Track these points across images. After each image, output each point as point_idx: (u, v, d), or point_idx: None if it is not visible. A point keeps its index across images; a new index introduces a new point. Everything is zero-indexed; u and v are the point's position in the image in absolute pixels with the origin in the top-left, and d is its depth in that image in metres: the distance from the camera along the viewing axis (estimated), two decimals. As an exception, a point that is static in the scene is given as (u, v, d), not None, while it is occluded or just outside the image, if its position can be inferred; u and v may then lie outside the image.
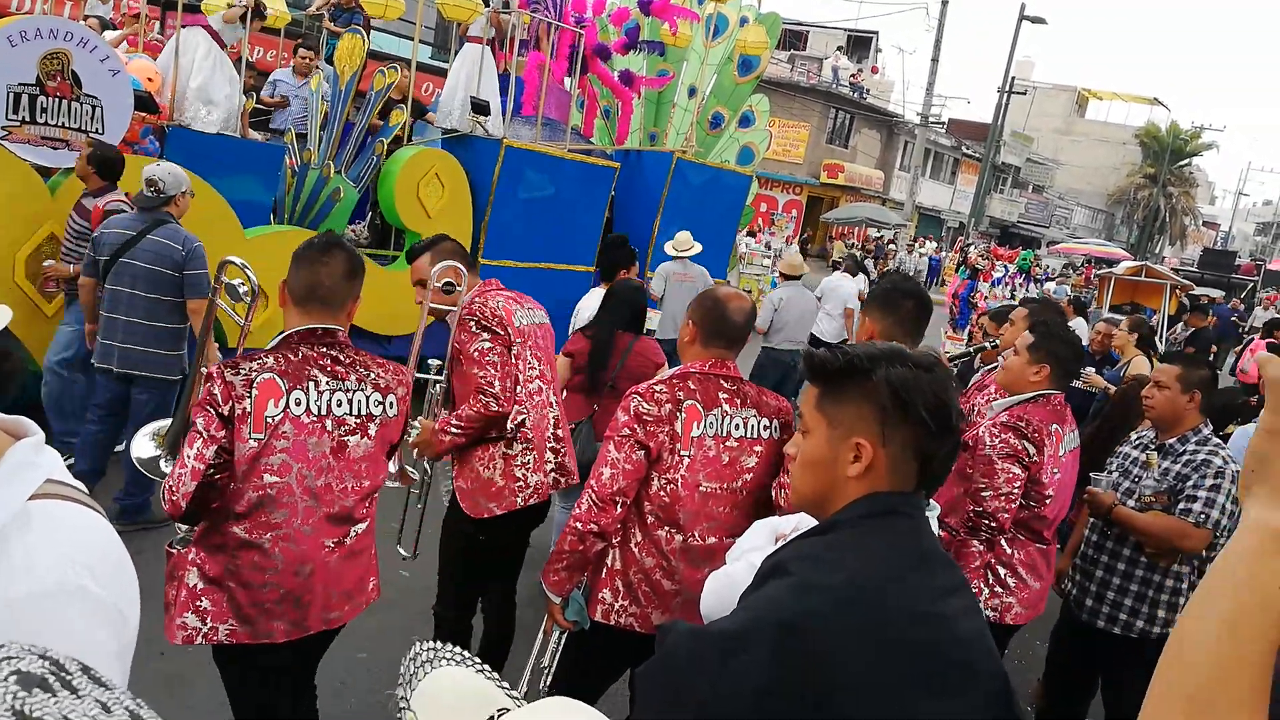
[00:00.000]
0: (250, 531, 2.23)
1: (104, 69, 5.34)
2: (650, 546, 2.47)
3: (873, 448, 1.37)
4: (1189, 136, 52.76)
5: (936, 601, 1.29)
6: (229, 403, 2.15)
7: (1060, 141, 56.76)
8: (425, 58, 14.55)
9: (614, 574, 2.52)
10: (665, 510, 2.45)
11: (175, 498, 2.12)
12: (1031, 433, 2.94)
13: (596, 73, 10.21)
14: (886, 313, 2.81)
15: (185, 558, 2.27)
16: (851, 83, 35.56)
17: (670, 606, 2.50)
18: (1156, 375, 3.38)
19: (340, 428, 2.32)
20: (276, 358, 2.25)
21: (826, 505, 1.43)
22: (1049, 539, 3.16)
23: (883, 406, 1.37)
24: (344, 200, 7.00)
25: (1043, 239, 48.30)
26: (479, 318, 3.02)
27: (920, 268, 24.90)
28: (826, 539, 1.37)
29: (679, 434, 2.41)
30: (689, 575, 2.47)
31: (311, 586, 2.33)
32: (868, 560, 1.30)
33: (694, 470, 2.43)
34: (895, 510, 1.36)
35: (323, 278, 2.32)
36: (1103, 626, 3.31)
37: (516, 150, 7.66)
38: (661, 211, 9.27)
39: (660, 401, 2.41)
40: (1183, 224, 55.57)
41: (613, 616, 2.51)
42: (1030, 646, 4.80)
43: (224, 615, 2.25)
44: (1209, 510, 3.08)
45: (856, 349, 1.43)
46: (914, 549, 1.34)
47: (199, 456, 2.12)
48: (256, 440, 2.19)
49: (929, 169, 40.05)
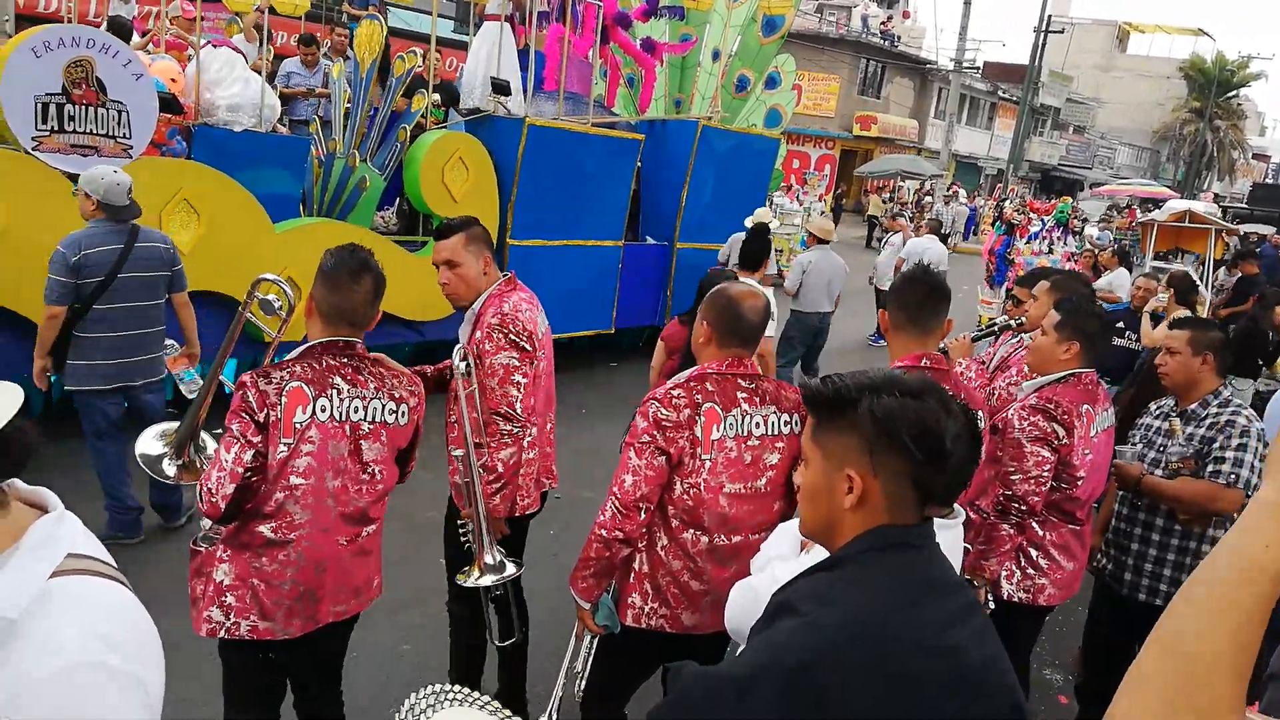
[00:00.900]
0: (276, 530, 2.36)
1: (127, 73, 5.39)
2: (677, 549, 2.48)
3: (863, 479, 1.37)
4: (1236, 67, 50.96)
5: (944, 632, 1.29)
6: (264, 410, 2.26)
7: (1101, 79, 55.15)
8: (448, 32, 14.51)
9: (642, 577, 2.53)
10: (690, 513, 2.45)
11: (215, 499, 2.23)
12: (1061, 415, 2.90)
13: (618, 41, 10.09)
14: (902, 301, 2.78)
15: (213, 554, 2.39)
16: (882, 31, 34.78)
17: (700, 606, 2.51)
18: (1168, 342, 3.34)
19: (356, 433, 2.43)
20: (303, 366, 2.36)
21: (831, 536, 1.44)
22: (1082, 519, 3.12)
23: (869, 438, 1.37)
24: (371, 188, 7.04)
25: (1085, 181, 47.16)
26: (509, 330, 2.89)
27: (956, 218, 24.40)
28: (831, 575, 1.37)
29: (699, 438, 2.40)
30: (717, 575, 2.48)
31: (324, 582, 2.46)
32: (872, 596, 1.30)
33: (716, 473, 2.42)
34: (900, 543, 1.37)
35: (354, 303, 2.43)
36: (1144, 599, 3.29)
37: (539, 128, 7.63)
38: (689, 181, 9.20)
39: (679, 407, 2.40)
40: (1231, 158, 53.87)
41: (643, 620, 2.53)
42: (1071, 612, 4.78)
43: (247, 611, 2.37)
44: (1238, 470, 3.06)
45: (846, 379, 1.42)
46: (919, 580, 1.34)
47: (237, 460, 2.24)
48: (286, 445, 2.30)
49: (965, 115, 39.20)
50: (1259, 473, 3.08)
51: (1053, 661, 4.52)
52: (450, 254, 2.98)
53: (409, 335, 7.29)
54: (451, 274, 3.00)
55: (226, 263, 5.93)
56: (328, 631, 2.55)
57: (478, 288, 3.01)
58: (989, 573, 2.91)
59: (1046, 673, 4.42)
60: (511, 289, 3.05)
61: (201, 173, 5.88)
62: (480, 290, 3.01)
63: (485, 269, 3.01)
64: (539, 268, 7.93)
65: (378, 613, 4.08)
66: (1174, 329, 3.41)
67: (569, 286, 8.23)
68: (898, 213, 12.64)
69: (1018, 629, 3.17)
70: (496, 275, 3.06)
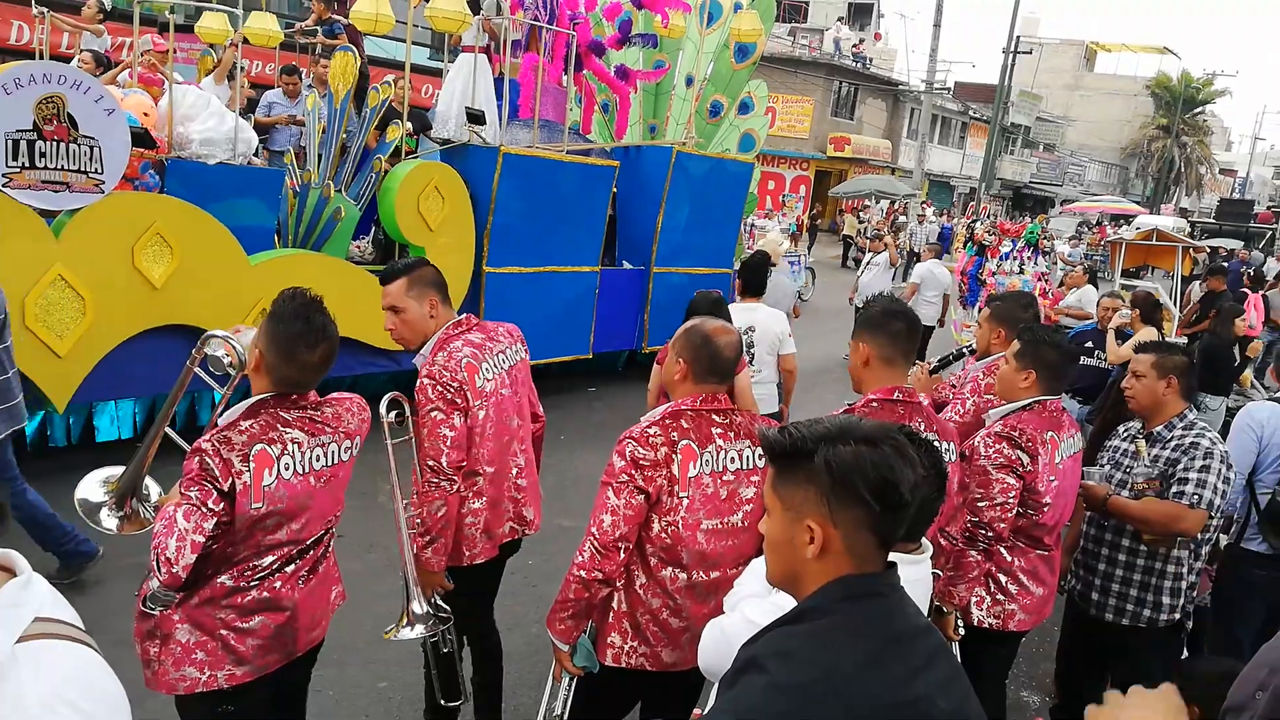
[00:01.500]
0: (237, 580, 2.33)
1: (99, 109, 5.39)
2: (655, 587, 2.48)
3: (823, 529, 1.38)
4: (1201, 84, 51.96)
5: (910, 684, 1.31)
6: (229, 479, 2.20)
7: (1070, 98, 56.02)
8: (424, 59, 14.55)
9: (621, 616, 2.52)
10: (668, 551, 2.45)
11: (175, 570, 2.13)
12: (1026, 442, 2.95)
13: (592, 69, 10.17)
14: (877, 334, 2.80)
15: (170, 618, 2.30)
16: (854, 53, 35.20)
17: (680, 643, 2.51)
18: (1133, 365, 3.40)
19: (320, 480, 2.42)
20: (261, 424, 2.31)
21: (797, 586, 1.45)
22: (1050, 544, 3.16)
23: (826, 490, 1.37)
24: (346, 219, 7.05)
25: (1056, 198, 47.76)
26: (438, 382, 2.81)
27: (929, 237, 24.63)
28: (799, 629, 1.37)
29: (676, 476, 2.40)
30: (696, 611, 2.48)
31: (298, 616, 2.46)
32: (837, 653, 1.31)
33: (694, 510, 2.43)
34: (865, 593, 1.37)
35: (306, 376, 2.39)
36: (1110, 619, 3.34)
37: (514, 156, 7.68)
38: (665, 206, 9.27)
39: (655, 445, 2.41)
40: (1198, 173, 54.80)
41: (623, 659, 2.52)
42: (1048, 634, 4.82)
43: (221, 662, 2.33)
44: (1201, 491, 3.11)
45: (803, 428, 1.43)
46: (885, 633, 1.35)
47: (198, 529, 2.16)
48: (257, 509, 2.27)
49: (937, 135, 39.66)
50: (1221, 494, 3.13)
51: (1029, 683, 4.55)
52: (393, 300, 2.91)
53: (386, 365, 7.28)
54: (396, 319, 2.93)
55: (200, 296, 5.92)
56: (290, 666, 2.52)
57: (424, 331, 2.94)
58: (958, 599, 2.94)
59: (1024, 694, 4.45)
60: (460, 332, 2.96)
61: (174, 206, 5.87)
62: (428, 334, 2.95)
63: (431, 312, 2.93)
64: (516, 295, 7.96)
65: (355, 648, 4.06)
66: (1139, 353, 3.46)
67: (546, 312, 8.26)
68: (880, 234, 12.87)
69: (990, 655, 3.20)
70: (446, 317, 2.97)
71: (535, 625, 4.48)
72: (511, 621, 4.50)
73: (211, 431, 2.29)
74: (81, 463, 2.97)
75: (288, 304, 2.35)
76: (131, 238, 5.64)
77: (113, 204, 5.57)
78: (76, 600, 1.27)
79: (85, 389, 5.67)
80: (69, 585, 4.24)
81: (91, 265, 5.51)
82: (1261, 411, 3.89)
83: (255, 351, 2.37)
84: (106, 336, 5.67)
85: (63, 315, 5.42)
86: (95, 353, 5.63)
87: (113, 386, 5.85)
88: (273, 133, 8.42)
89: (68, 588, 4.19)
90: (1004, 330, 3.79)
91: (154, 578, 2.17)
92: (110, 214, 5.58)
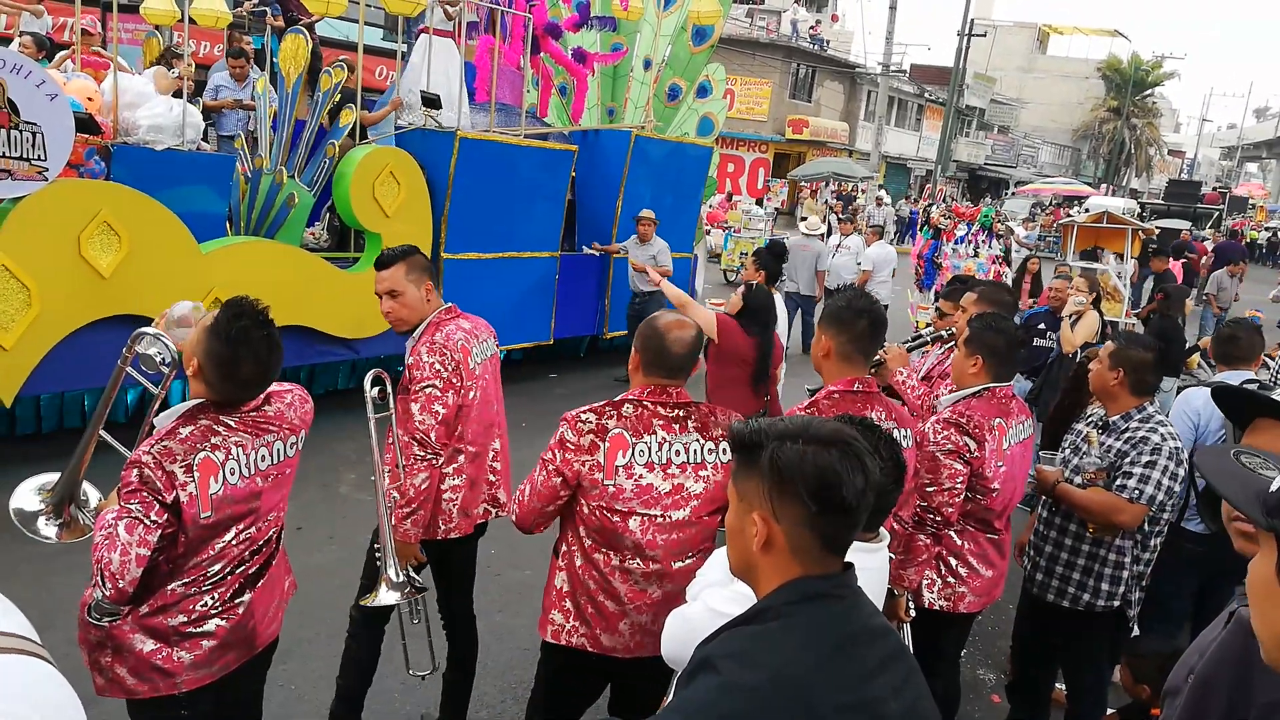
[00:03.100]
0: (189, 586, 2.29)
1: (41, 94, 5.23)
2: (590, 568, 2.53)
3: (765, 524, 1.41)
4: (1150, 67, 52.89)
5: (863, 686, 1.33)
6: (173, 491, 2.15)
7: (1023, 80, 56.68)
8: (377, 40, 14.30)
9: (563, 595, 2.58)
10: (600, 534, 2.50)
11: (123, 584, 2.09)
12: (973, 428, 3.00)
13: (549, 51, 10.10)
14: (841, 331, 2.81)
15: (121, 628, 2.25)
16: (811, 35, 35.30)
17: (617, 628, 2.54)
18: (1101, 350, 3.46)
19: (266, 480, 2.39)
20: (201, 430, 2.24)
21: (752, 578, 1.47)
22: (1000, 528, 3.23)
23: (769, 485, 1.41)
24: (299, 205, 6.93)
25: (1011, 179, 48.42)
26: (438, 360, 2.96)
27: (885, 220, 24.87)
28: (752, 630, 1.39)
29: (601, 464, 2.44)
30: (635, 598, 2.51)
31: (253, 613, 2.44)
32: (790, 655, 1.33)
33: (625, 499, 2.45)
34: (819, 595, 1.39)
35: (249, 390, 2.34)
36: (1052, 600, 3.41)
37: (471, 141, 7.60)
38: (624, 190, 9.24)
39: (581, 431, 2.46)
40: (1148, 155, 55.86)
41: (562, 637, 2.57)
42: (1004, 612, 4.92)
43: (180, 668, 2.30)
44: (1143, 486, 3.15)
45: (765, 424, 1.46)
46: (839, 634, 1.37)
47: (142, 543, 2.10)
48: (205, 517, 2.22)
49: (894, 118, 39.92)
50: (1166, 490, 3.19)
51: (986, 661, 4.64)
52: (391, 284, 3.05)
53: (344, 353, 7.19)
54: (394, 303, 3.07)
55: (151, 285, 5.79)
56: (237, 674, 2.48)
57: (422, 314, 3.08)
58: (908, 582, 3.00)
59: (980, 672, 4.54)
60: (451, 317, 3.12)
61: (122, 194, 5.73)
62: (424, 316, 3.09)
63: (428, 296, 3.09)
64: (475, 281, 7.90)
65: (316, 642, 4.03)
66: (1111, 342, 3.50)
67: (506, 299, 8.21)
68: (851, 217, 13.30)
69: (943, 636, 3.27)
70: (439, 303, 3.14)
71: (499, 613, 4.48)
72: (475, 609, 4.49)
73: (149, 441, 2.21)
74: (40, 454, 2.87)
75: (231, 324, 2.26)
76: (77, 226, 5.50)
77: (57, 191, 5.43)
78: (25, 597, 1.25)
79: (34, 381, 5.53)
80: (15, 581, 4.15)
81: (36, 255, 5.37)
82: (1197, 399, 3.98)
83: (193, 361, 2.27)
84: (54, 327, 5.54)
85: (7, 306, 5.28)
86: (43, 344, 5.50)
87: (62, 378, 5.72)
88: (220, 117, 8.23)
89: (15, 584, 4.10)
90: None
91: (97, 589, 2.13)
92: (55, 202, 5.44)
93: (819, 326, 2.94)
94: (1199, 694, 1.56)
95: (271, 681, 2.78)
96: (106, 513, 2.19)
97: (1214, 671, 1.55)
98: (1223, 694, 1.52)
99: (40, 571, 4.35)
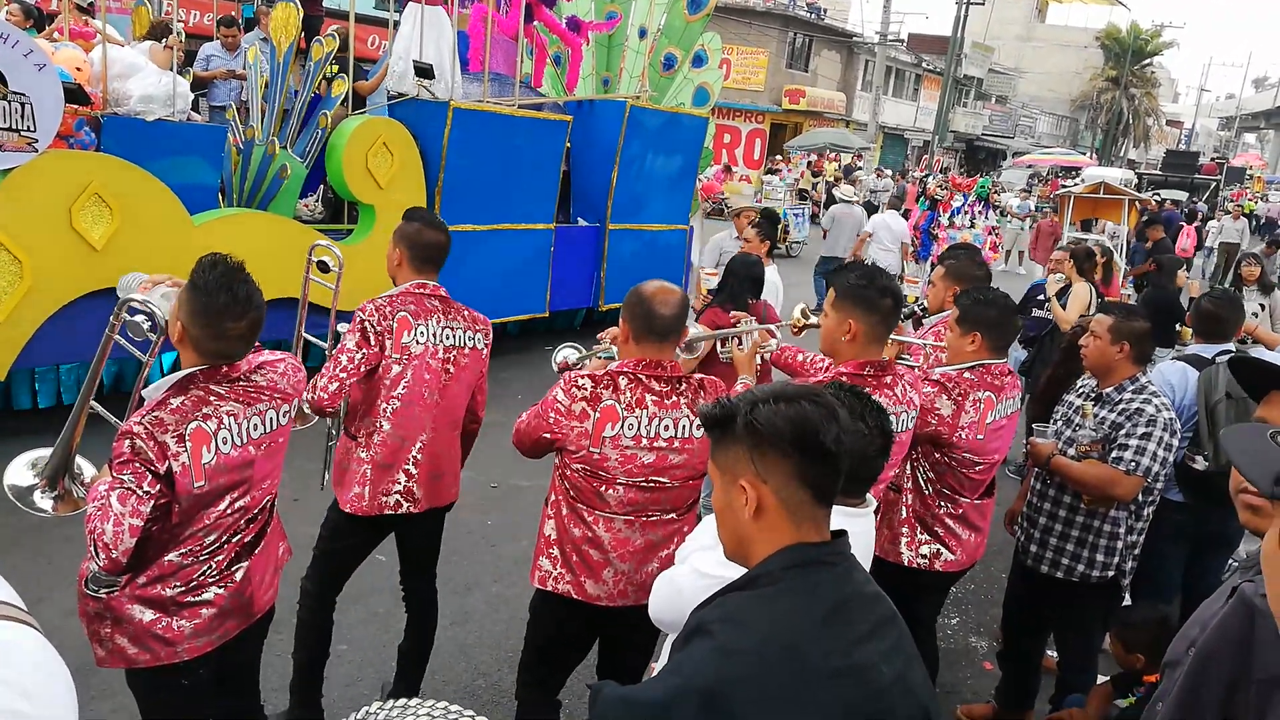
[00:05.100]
0: (185, 556, 2.30)
1: (29, 63, 5.17)
2: (575, 519, 2.59)
3: (754, 487, 1.43)
4: (1149, 36, 52.54)
5: (854, 651, 1.35)
6: (165, 462, 2.14)
7: (1022, 49, 56.27)
8: (369, 8, 14.16)
9: (550, 543, 2.65)
10: (582, 491, 2.56)
11: (116, 555, 2.09)
12: (957, 395, 3.02)
13: (543, 20, 9.98)
14: (871, 311, 2.75)
15: (119, 599, 2.26)
16: (808, 3, 34.95)
17: (602, 576, 2.60)
18: (1093, 325, 3.44)
19: (259, 448, 2.39)
20: (192, 400, 2.22)
21: (746, 554, 1.49)
22: (981, 495, 3.25)
23: (749, 446, 1.44)
24: (292, 176, 6.88)
25: (1008, 150, 48.19)
26: (365, 319, 2.91)
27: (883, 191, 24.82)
28: (747, 595, 1.42)
29: (589, 432, 2.48)
30: (619, 545, 2.57)
31: (250, 580, 2.46)
32: (784, 619, 1.36)
33: (609, 468, 2.50)
34: (812, 561, 1.42)
35: (231, 347, 2.30)
36: (1046, 571, 3.44)
37: (465, 111, 7.54)
38: (619, 161, 9.18)
39: (575, 397, 2.49)
40: (1146, 125, 55.58)
41: (549, 583, 2.65)
42: (996, 580, 4.97)
43: (180, 636, 2.32)
44: (1139, 458, 3.16)
45: (733, 398, 1.50)
46: (830, 600, 1.39)
47: (135, 513, 2.10)
48: (199, 486, 2.22)
49: (891, 88, 39.67)
50: (1161, 461, 3.20)
51: (978, 629, 4.69)
52: None
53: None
54: None
55: (143, 258, 5.73)
56: (237, 641, 2.50)
57: (391, 275, 3.14)
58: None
59: (972, 640, 4.59)
60: (418, 291, 3.06)
61: (112, 165, 5.68)
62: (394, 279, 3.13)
63: (398, 262, 3.14)
64: (470, 253, 7.86)
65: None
66: (1101, 314, 3.48)
67: (501, 271, 8.18)
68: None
69: (920, 594, 3.29)
70: (407, 276, 3.12)
71: (495, 585, 4.51)
72: (470, 581, 4.53)
73: (140, 411, 2.19)
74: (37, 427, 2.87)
75: (208, 273, 2.23)
76: (69, 198, 5.46)
77: (47, 163, 5.39)
78: (21, 570, 1.26)
79: (27, 354, 5.52)
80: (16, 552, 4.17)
81: (28, 227, 5.34)
82: (1173, 373, 3.98)
83: (177, 324, 2.26)
84: (47, 300, 5.51)
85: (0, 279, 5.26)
86: (36, 317, 5.48)
87: (56, 352, 5.70)
88: (212, 87, 8.16)
89: (16, 555, 4.13)
90: (959, 287, 3.82)
91: (93, 561, 2.14)
92: (45, 173, 5.39)
93: (835, 306, 2.80)
94: (1199, 667, 1.59)
95: (268, 650, 2.80)
96: (99, 484, 2.19)
97: (1215, 646, 1.57)
98: (1223, 668, 1.54)
99: (40, 543, 4.37)
